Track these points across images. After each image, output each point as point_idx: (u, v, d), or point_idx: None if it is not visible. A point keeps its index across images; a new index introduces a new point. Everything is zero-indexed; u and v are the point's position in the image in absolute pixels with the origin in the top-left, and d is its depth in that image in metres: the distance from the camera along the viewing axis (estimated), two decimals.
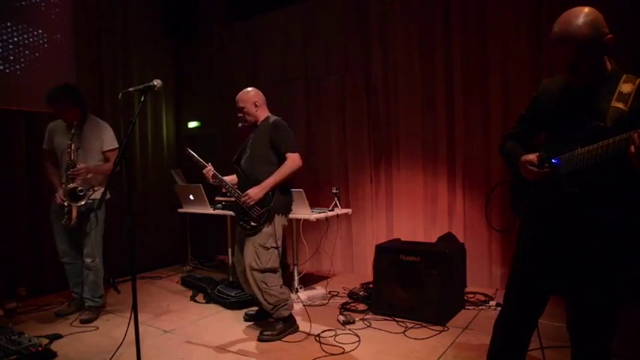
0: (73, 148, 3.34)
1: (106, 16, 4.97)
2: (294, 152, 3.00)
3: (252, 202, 2.93)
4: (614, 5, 3.32)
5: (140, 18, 5.33)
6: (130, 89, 2.30)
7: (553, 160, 1.62)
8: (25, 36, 4.23)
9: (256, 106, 3.11)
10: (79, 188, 3.28)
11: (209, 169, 3.09)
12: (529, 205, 1.74)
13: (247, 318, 3.39)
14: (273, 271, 3.01)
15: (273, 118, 3.12)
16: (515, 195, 1.88)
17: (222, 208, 4.40)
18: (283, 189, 3.03)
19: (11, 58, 4.12)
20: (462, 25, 4.03)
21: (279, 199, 2.99)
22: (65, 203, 3.30)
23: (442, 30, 4.13)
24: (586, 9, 1.53)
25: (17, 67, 4.17)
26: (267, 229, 2.97)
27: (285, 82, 5.14)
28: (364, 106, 4.63)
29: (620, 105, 1.50)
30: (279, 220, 3.03)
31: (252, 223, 2.96)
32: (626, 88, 1.52)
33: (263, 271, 2.96)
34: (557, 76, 1.75)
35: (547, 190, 1.66)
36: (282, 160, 3.00)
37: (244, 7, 5.45)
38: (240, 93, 3.14)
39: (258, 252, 2.95)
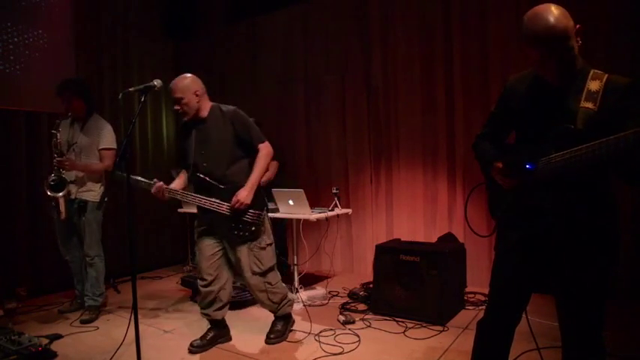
0: (59, 137, 3.32)
1: (105, 16, 4.97)
2: (264, 142, 2.76)
3: (244, 207, 2.65)
4: (614, 5, 3.34)
5: (140, 18, 5.33)
6: (130, 89, 2.31)
7: (527, 166, 1.57)
8: (25, 36, 4.23)
9: (197, 95, 2.72)
10: (52, 178, 3.28)
11: (159, 185, 2.73)
12: (509, 209, 1.72)
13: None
14: (273, 268, 2.90)
15: (225, 107, 2.79)
16: (493, 198, 1.85)
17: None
18: None
19: (11, 58, 4.12)
20: (462, 25, 4.02)
21: (260, 194, 2.78)
22: (50, 194, 3.30)
23: (442, 30, 4.13)
24: (552, 4, 1.48)
25: (17, 67, 4.17)
26: (261, 228, 2.81)
27: (285, 82, 5.14)
28: (364, 106, 4.62)
29: (589, 105, 1.47)
30: (265, 215, 2.86)
31: (252, 228, 2.72)
32: (594, 85, 1.48)
33: (265, 272, 2.82)
34: (524, 72, 1.69)
35: (525, 195, 1.64)
36: (248, 152, 2.77)
37: (244, 6, 5.45)
38: (175, 80, 2.71)
39: (258, 255, 2.77)
